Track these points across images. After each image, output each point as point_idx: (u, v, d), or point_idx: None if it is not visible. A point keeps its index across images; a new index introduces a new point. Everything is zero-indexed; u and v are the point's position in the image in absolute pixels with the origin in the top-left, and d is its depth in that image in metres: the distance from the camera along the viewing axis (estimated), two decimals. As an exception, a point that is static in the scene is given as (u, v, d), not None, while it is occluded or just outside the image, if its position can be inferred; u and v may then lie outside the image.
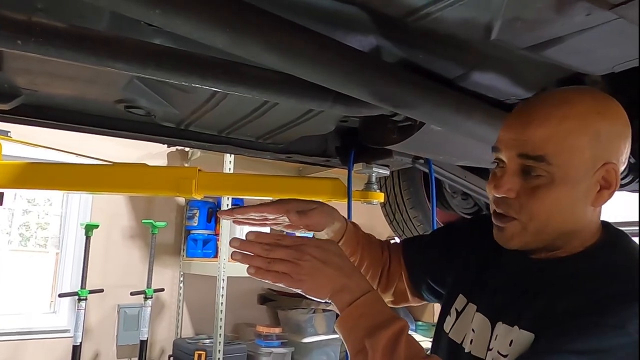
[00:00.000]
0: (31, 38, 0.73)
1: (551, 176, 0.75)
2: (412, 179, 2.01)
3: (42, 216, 3.46)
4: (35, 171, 1.48)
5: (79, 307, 2.86)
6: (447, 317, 0.94)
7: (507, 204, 0.79)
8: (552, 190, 0.75)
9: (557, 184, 0.75)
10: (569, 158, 0.75)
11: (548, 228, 0.78)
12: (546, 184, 0.75)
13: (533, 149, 0.75)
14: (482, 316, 0.86)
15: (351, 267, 0.84)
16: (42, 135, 1.71)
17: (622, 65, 0.90)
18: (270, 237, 0.83)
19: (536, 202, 0.76)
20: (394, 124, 1.29)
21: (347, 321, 0.80)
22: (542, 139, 0.75)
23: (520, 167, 0.77)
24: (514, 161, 0.78)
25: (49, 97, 1.23)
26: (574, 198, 0.76)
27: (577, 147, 0.75)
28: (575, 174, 0.75)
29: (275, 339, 3.26)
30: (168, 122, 1.40)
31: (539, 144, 0.75)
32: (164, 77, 0.89)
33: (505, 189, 0.78)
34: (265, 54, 0.79)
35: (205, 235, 3.43)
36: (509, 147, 0.78)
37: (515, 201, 0.78)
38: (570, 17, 0.72)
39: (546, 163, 0.74)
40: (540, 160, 0.75)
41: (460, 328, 0.90)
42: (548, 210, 0.76)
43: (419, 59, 0.97)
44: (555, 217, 0.77)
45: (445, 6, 0.69)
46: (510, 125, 0.79)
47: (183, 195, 1.51)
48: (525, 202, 0.77)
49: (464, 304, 0.92)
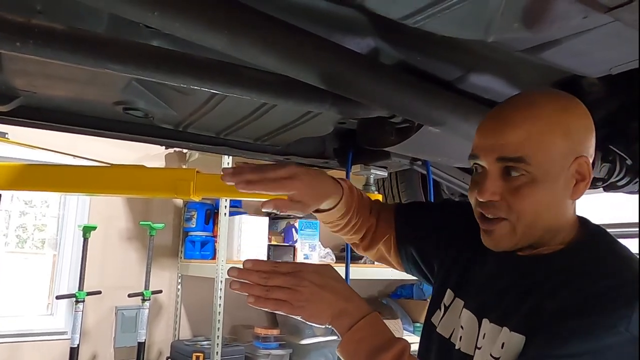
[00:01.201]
0: (30, 40, 0.74)
1: (532, 175, 0.78)
2: (410, 181, 2.02)
3: (39, 218, 3.45)
4: (32, 173, 1.48)
5: (76, 309, 2.85)
6: (437, 311, 0.96)
7: (495, 207, 0.81)
8: (534, 187, 0.78)
9: (538, 181, 0.78)
10: (546, 156, 0.77)
11: (536, 225, 0.80)
12: (528, 182, 0.78)
13: (511, 151, 0.78)
14: (470, 313, 0.87)
15: (349, 291, 0.84)
16: (40, 136, 1.71)
17: (619, 67, 0.90)
18: (267, 265, 0.83)
19: (522, 200, 0.78)
20: (392, 126, 1.30)
21: (348, 346, 0.80)
22: (518, 141, 0.77)
23: (500, 170, 0.80)
24: (494, 165, 0.80)
25: (47, 98, 1.23)
26: (555, 193, 0.79)
27: (552, 144, 0.78)
28: (553, 170, 0.78)
29: (274, 341, 3.25)
30: (166, 124, 1.40)
31: (516, 146, 0.77)
32: (163, 79, 0.89)
33: (490, 192, 0.80)
34: (263, 55, 0.79)
35: (203, 237, 3.42)
36: (488, 152, 0.80)
37: (502, 203, 0.80)
38: (567, 19, 0.72)
39: (525, 163, 0.77)
40: (519, 161, 0.77)
41: (448, 323, 0.92)
42: (534, 206, 0.78)
43: (417, 61, 0.98)
44: (542, 214, 0.79)
45: (443, 9, 0.69)
46: (485, 132, 0.82)
47: (181, 197, 1.51)
48: (512, 202, 0.79)
49: (452, 298, 0.93)
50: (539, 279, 0.80)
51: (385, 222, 1.11)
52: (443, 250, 1.01)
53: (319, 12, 0.82)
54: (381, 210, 1.13)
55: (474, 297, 0.89)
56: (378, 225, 1.11)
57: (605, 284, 0.74)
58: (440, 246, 1.02)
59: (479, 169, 0.83)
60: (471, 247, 0.94)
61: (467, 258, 0.95)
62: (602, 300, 0.72)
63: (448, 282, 0.96)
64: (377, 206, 1.13)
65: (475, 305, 0.87)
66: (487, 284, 0.88)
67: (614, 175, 1.34)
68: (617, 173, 1.34)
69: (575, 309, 0.72)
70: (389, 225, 1.10)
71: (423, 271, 1.08)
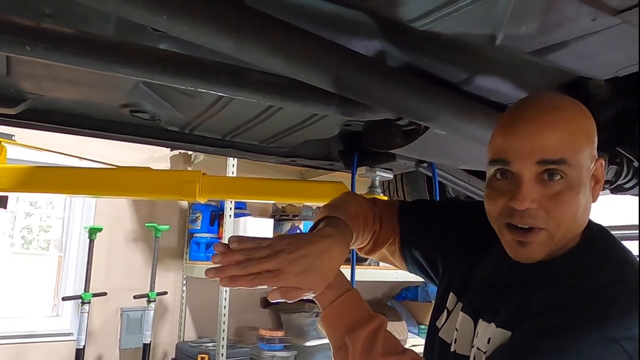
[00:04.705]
0: (39, 44, 0.74)
1: (569, 179, 0.75)
2: (416, 183, 2.01)
3: (45, 219, 3.47)
4: (39, 175, 1.49)
5: (82, 311, 2.86)
6: (440, 315, 0.95)
7: (533, 215, 0.75)
8: (573, 192, 0.75)
9: (575, 185, 0.75)
10: (581, 158, 0.76)
11: (570, 232, 0.78)
12: (567, 187, 0.75)
13: (552, 153, 0.74)
14: (465, 315, 0.87)
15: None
16: (46, 138, 1.72)
17: (626, 69, 0.90)
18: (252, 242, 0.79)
19: (564, 207, 0.75)
20: (398, 128, 1.29)
21: (329, 318, 0.83)
22: (559, 142, 0.74)
23: (536, 174, 0.75)
24: (531, 169, 0.75)
25: (54, 101, 1.24)
26: (587, 197, 0.78)
27: (583, 146, 0.77)
28: (585, 173, 0.77)
29: (278, 343, 3.26)
30: (172, 126, 1.40)
31: (557, 148, 0.74)
32: (170, 82, 0.89)
33: (529, 200, 0.74)
34: (270, 58, 0.79)
35: (208, 238, 3.43)
36: (525, 156, 0.75)
37: (540, 211, 0.75)
38: (575, 22, 0.72)
39: (567, 165, 0.74)
40: (562, 163, 0.74)
41: (449, 328, 0.91)
42: (574, 212, 0.76)
43: (423, 64, 0.98)
44: (578, 219, 0.77)
45: (451, 12, 0.69)
46: (518, 135, 0.76)
47: (187, 198, 1.52)
48: (553, 209, 0.75)
49: (455, 302, 0.93)
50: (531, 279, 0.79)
51: (389, 225, 1.06)
52: (448, 252, 1.00)
53: (326, 14, 0.83)
54: (383, 212, 1.07)
55: (471, 299, 0.88)
56: (382, 229, 1.06)
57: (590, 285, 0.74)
58: (445, 248, 1.00)
59: (505, 175, 0.78)
60: (476, 251, 0.94)
61: (471, 262, 0.94)
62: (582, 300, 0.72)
63: (452, 285, 0.95)
64: (379, 208, 1.07)
65: (470, 308, 0.87)
66: (485, 286, 0.87)
67: (621, 178, 1.33)
68: (624, 175, 1.33)
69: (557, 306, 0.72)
70: (392, 228, 1.06)
71: (428, 273, 1.06)
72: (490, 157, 0.80)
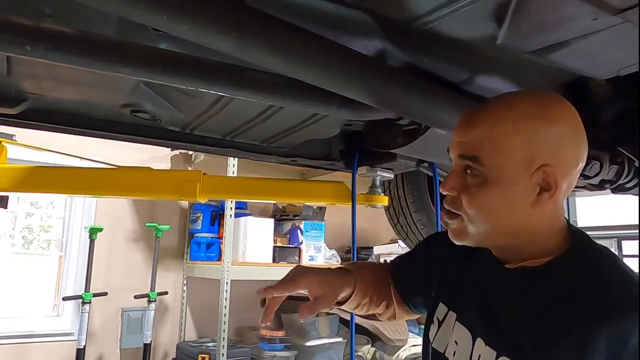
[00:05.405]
0: (39, 44, 0.74)
1: (484, 176, 0.78)
2: (416, 182, 2.01)
3: (45, 219, 3.47)
4: (40, 175, 1.49)
5: (82, 311, 2.86)
6: (431, 326, 0.96)
7: (452, 201, 0.83)
8: (484, 189, 0.78)
9: (489, 184, 0.78)
10: (501, 159, 0.77)
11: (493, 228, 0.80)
12: (480, 183, 0.79)
13: (469, 149, 0.79)
14: (463, 327, 0.88)
15: None
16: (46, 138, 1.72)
17: (628, 69, 0.90)
18: None
19: (471, 200, 0.80)
20: (399, 128, 1.29)
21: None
22: (476, 141, 0.79)
23: (462, 167, 0.82)
24: (457, 161, 0.82)
25: (55, 101, 1.24)
26: (509, 198, 0.78)
27: (510, 148, 0.77)
28: (508, 175, 0.77)
29: (279, 343, 3.26)
30: (173, 126, 1.40)
31: (473, 146, 0.79)
32: (171, 81, 0.89)
33: (449, 187, 0.82)
34: (271, 58, 0.79)
35: (208, 238, 3.43)
36: (454, 148, 0.83)
37: (458, 198, 0.82)
38: (576, 21, 0.72)
39: (479, 164, 0.78)
40: (474, 160, 0.79)
41: (443, 337, 0.92)
42: (482, 208, 0.79)
43: (424, 63, 0.97)
44: (492, 216, 0.79)
45: (452, 11, 0.69)
46: (455, 128, 0.84)
47: (187, 198, 1.52)
48: (465, 199, 0.80)
49: (445, 312, 0.93)
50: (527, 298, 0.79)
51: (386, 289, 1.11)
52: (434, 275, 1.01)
53: (327, 14, 0.82)
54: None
55: (467, 311, 0.89)
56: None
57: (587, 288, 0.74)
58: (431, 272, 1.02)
59: None
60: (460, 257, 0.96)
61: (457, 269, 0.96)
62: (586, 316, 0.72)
63: (440, 296, 0.97)
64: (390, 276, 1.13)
65: (467, 320, 0.88)
66: (478, 298, 0.88)
67: (623, 177, 1.33)
68: (626, 175, 1.33)
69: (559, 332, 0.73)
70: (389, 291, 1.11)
71: None
72: None
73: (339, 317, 3.49)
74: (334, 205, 1.38)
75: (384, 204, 1.67)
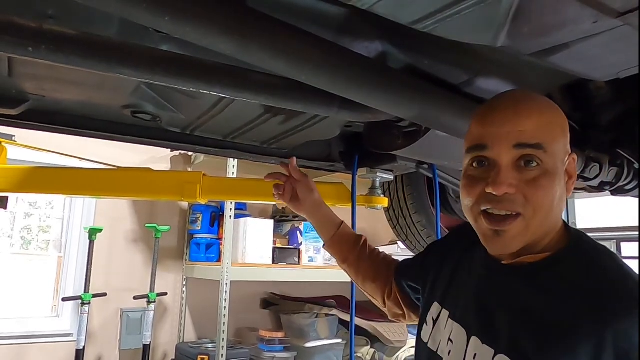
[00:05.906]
0: (42, 45, 0.74)
1: (545, 166, 0.75)
2: (416, 184, 2.01)
3: (44, 219, 3.46)
4: (39, 175, 1.49)
5: (82, 311, 2.86)
6: (424, 326, 0.94)
7: (510, 200, 0.75)
8: (549, 179, 0.75)
9: (550, 173, 0.75)
10: (556, 148, 0.77)
11: (545, 223, 0.77)
12: (543, 173, 0.75)
13: (529, 137, 0.75)
14: (457, 325, 0.85)
15: None
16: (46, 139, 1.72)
17: (627, 71, 0.90)
18: None
19: (541, 192, 0.74)
20: (399, 130, 1.30)
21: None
22: (536, 127, 0.76)
23: (514, 160, 0.76)
24: (508, 154, 0.76)
25: (56, 102, 1.24)
26: (562, 189, 0.78)
27: (558, 137, 0.78)
28: (559, 163, 0.77)
29: (278, 344, 3.25)
30: (174, 127, 1.41)
31: (534, 132, 0.75)
32: (172, 83, 0.89)
33: (506, 184, 0.74)
34: (273, 60, 0.79)
35: (208, 239, 3.43)
36: (501, 139, 0.76)
37: (518, 196, 0.75)
38: (576, 24, 0.72)
39: (543, 151, 0.75)
40: (538, 148, 0.75)
41: (437, 336, 0.90)
42: (551, 200, 0.76)
43: (424, 65, 0.98)
44: (553, 209, 0.77)
45: (453, 14, 0.69)
46: (495, 121, 0.78)
47: (187, 199, 1.52)
48: (531, 194, 0.74)
49: (439, 311, 0.92)
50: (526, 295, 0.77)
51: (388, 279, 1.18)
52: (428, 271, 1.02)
53: (328, 16, 0.83)
54: None
55: (460, 308, 0.87)
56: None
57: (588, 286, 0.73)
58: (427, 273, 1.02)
59: (481, 163, 0.79)
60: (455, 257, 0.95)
61: (451, 268, 0.95)
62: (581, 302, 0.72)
63: (434, 296, 0.96)
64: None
65: (461, 318, 0.86)
66: (472, 296, 0.85)
67: (622, 179, 1.33)
68: (625, 177, 1.33)
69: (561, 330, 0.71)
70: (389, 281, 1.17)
71: None
72: (467, 145, 0.81)
73: (338, 318, 3.49)
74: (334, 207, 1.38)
75: (384, 205, 1.67)
